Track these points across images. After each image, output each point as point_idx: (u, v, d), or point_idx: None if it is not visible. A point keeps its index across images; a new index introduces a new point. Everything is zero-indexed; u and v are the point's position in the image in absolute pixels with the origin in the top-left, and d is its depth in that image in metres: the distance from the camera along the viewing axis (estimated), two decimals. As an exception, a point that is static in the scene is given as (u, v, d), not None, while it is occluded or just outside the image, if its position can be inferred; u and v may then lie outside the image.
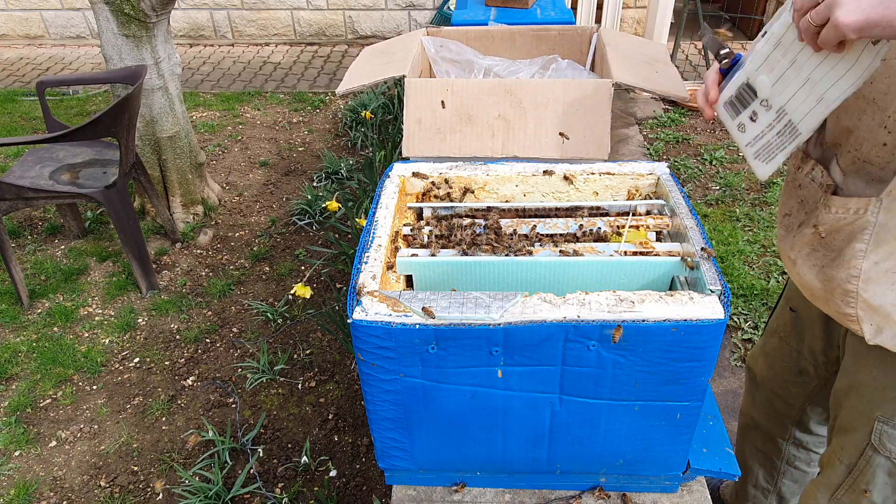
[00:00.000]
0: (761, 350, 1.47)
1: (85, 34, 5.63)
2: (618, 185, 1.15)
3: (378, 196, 1.09)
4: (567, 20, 2.60)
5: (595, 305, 0.82)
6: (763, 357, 1.46)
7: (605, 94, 1.43)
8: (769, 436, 1.53)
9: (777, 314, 1.40)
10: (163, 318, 2.69)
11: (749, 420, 1.59)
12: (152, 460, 2.11)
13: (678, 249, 0.99)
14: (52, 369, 2.43)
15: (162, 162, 3.08)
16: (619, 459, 1.00)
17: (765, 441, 1.55)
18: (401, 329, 0.83)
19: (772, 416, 1.50)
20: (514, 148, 1.46)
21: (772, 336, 1.41)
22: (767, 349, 1.43)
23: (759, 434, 1.56)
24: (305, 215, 3.29)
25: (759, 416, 1.54)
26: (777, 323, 1.39)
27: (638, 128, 4.11)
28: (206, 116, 4.39)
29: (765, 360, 1.45)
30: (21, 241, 3.13)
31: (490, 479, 1.09)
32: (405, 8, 5.44)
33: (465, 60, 1.79)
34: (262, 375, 2.37)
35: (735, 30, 5.58)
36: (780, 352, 1.38)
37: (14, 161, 3.72)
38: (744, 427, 1.63)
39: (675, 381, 0.87)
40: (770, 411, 1.49)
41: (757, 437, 1.57)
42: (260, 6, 5.48)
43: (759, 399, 1.52)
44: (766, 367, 1.45)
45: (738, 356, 2.47)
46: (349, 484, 2.02)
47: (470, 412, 0.94)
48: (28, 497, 2.00)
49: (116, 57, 2.75)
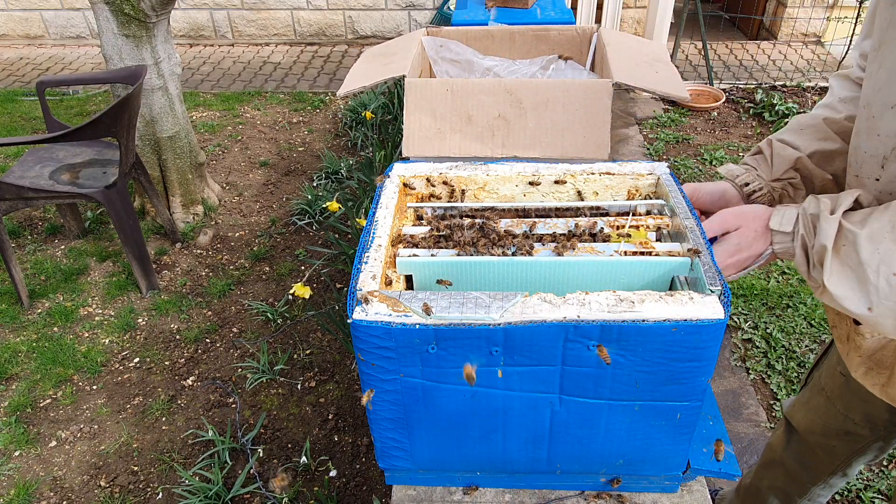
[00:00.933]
0: (804, 405, 1.37)
1: (85, 34, 5.63)
2: (618, 185, 1.15)
3: (378, 196, 1.09)
4: (567, 20, 2.59)
5: (595, 305, 0.82)
6: (805, 412, 1.36)
7: (605, 94, 1.43)
8: (797, 479, 1.45)
9: (826, 374, 1.29)
10: (163, 318, 2.69)
11: (777, 457, 1.50)
12: (152, 460, 2.11)
13: (678, 249, 0.99)
14: (52, 369, 2.43)
15: (162, 162, 3.08)
16: (619, 459, 1.00)
17: (789, 481, 1.48)
18: (401, 329, 0.83)
19: (807, 465, 1.42)
20: (514, 148, 1.46)
21: (818, 394, 1.31)
22: (812, 405, 1.34)
23: (784, 473, 1.48)
24: (305, 215, 3.29)
25: (790, 460, 1.46)
26: (825, 383, 1.29)
27: (638, 128, 4.11)
28: (206, 116, 4.39)
29: (806, 416, 1.36)
30: (21, 241, 3.13)
31: (490, 479, 1.09)
32: (405, 8, 5.44)
33: (465, 60, 1.79)
34: (262, 375, 2.37)
35: (735, 30, 5.58)
36: (825, 412, 1.29)
37: (14, 161, 3.72)
38: (769, 461, 1.53)
39: (675, 381, 0.87)
40: (808, 460, 1.41)
41: (781, 475, 1.50)
42: (260, 6, 5.48)
43: (795, 445, 1.43)
44: (808, 422, 1.36)
45: (738, 356, 2.47)
46: (349, 484, 2.02)
47: (470, 412, 0.94)
48: (28, 497, 2.00)
49: (116, 57, 2.75)
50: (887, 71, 0.82)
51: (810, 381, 1.37)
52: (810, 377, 1.38)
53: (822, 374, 1.32)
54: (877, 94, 0.84)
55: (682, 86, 1.52)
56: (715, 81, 4.49)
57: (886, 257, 0.75)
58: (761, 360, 2.44)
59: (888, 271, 0.75)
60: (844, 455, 1.33)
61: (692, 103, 4.25)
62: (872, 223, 0.78)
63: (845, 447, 1.31)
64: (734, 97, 4.36)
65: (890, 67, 0.81)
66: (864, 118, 0.88)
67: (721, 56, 5.03)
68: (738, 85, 4.50)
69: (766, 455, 1.57)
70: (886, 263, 0.75)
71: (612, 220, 1.07)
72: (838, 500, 1.96)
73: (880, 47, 0.84)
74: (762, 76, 4.60)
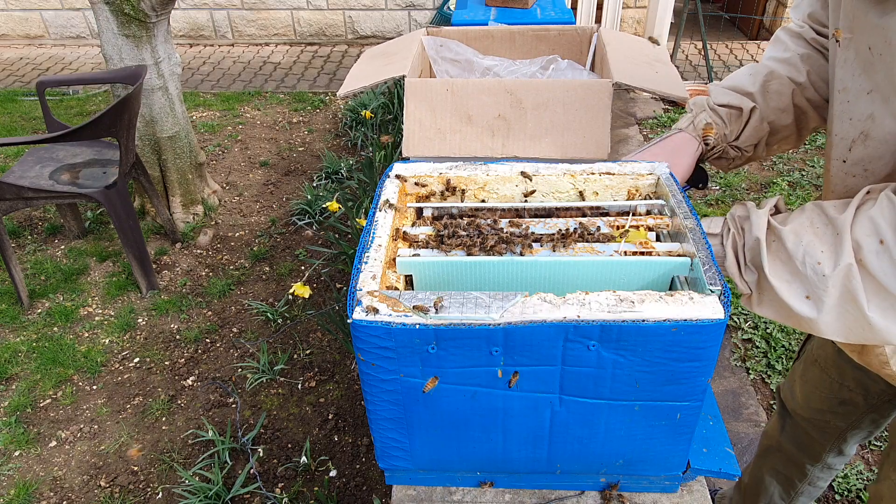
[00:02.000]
0: (799, 379, 1.40)
1: (85, 34, 5.63)
2: (618, 185, 1.15)
3: (378, 196, 1.09)
4: (567, 20, 2.60)
5: (595, 305, 0.82)
6: (801, 385, 1.39)
7: (605, 94, 1.43)
8: (795, 462, 1.49)
9: (818, 345, 1.33)
10: (163, 318, 2.69)
11: (774, 443, 1.54)
12: (152, 460, 2.11)
13: (678, 249, 0.99)
14: (52, 369, 2.43)
15: (162, 162, 3.08)
16: (618, 459, 1.00)
17: (788, 465, 1.51)
18: (401, 329, 0.83)
19: (803, 445, 1.45)
20: (514, 148, 1.46)
21: (812, 366, 1.35)
22: (807, 378, 1.37)
23: (782, 458, 1.52)
24: (305, 215, 3.29)
25: (786, 443, 1.49)
26: (818, 354, 1.33)
27: (638, 128, 4.11)
28: (206, 116, 4.39)
29: (803, 389, 1.39)
30: (21, 241, 3.13)
31: (490, 479, 1.09)
32: (405, 8, 5.44)
33: (465, 60, 1.79)
34: (262, 375, 2.37)
35: (735, 30, 5.58)
36: (821, 382, 1.32)
37: (14, 161, 3.72)
38: (766, 448, 1.58)
39: (675, 381, 0.87)
40: (803, 440, 1.45)
41: (779, 460, 1.53)
42: (260, 6, 5.48)
43: (790, 428, 1.47)
44: (804, 396, 1.39)
45: (738, 356, 2.47)
46: (349, 484, 2.02)
47: (470, 412, 0.94)
48: (28, 497, 2.00)
49: (116, 57, 2.75)
50: (863, 60, 0.83)
51: (803, 354, 1.41)
52: (803, 350, 1.41)
53: (813, 346, 1.36)
54: (854, 80, 0.85)
55: (681, 86, 1.52)
56: (715, 81, 4.49)
57: (809, 248, 0.81)
58: (761, 360, 2.44)
59: (812, 261, 0.80)
60: (839, 429, 1.36)
61: (692, 103, 4.24)
62: (793, 221, 0.84)
63: (840, 420, 1.34)
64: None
65: (865, 57, 0.83)
66: (838, 101, 0.89)
67: (721, 56, 5.03)
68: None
69: (763, 443, 1.61)
70: (810, 255, 0.80)
71: (612, 220, 1.07)
72: (838, 500, 1.96)
73: (853, 35, 0.84)
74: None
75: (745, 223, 0.88)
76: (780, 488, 1.56)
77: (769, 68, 1.13)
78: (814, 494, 1.55)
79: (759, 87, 1.12)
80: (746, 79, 1.14)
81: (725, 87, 1.17)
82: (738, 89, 1.14)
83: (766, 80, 1.12)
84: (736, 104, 1.12)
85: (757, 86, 1.12)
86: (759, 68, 1.14)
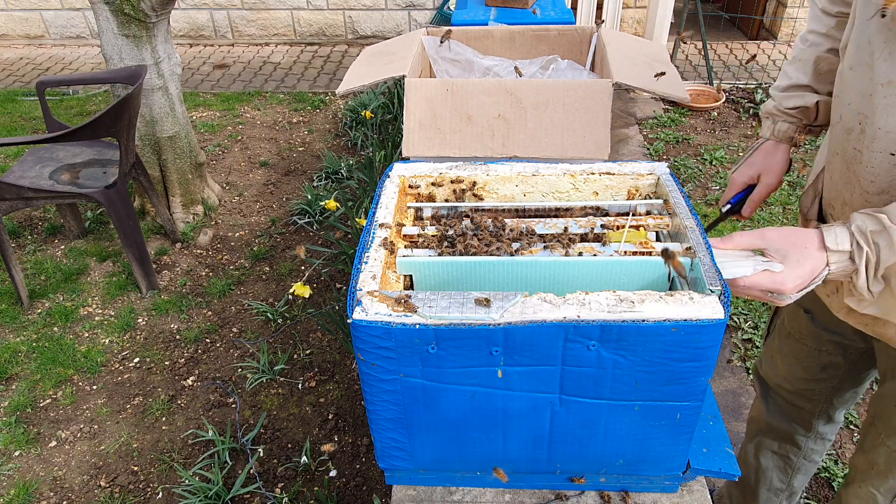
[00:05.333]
0: (777, 354, 1.43)
1: (85, 34, 5.63)
2: (618, 185, 1.15)
3: (378, 196, 1.09)
4: (567, 20, 2.60)
5: (595, 305, 0.82)
6: (781, 359, 1.42)
7: (605, 94, 1.43)
8: (788, 436, 1.51)
9: (788, 318, 1.37)
10: (163, 318, 2.69)
11: (763, 426, 1.56)
12: (152, 460, 2.11)
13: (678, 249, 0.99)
14: (52, 369, 2.43)
15: (162, 162, 3.08)
16: (619, 459, 1.00)
17: (782, 443, 1.53)
18: (401, 329, 0.83)
19: (792, 417, 1.47)
20: (514, 148, 1.46)
21: (786, 339, 1.38)
22: (785, 352, 1.40)
23: (774, 436, 1.54)
24: (305, 215, 3.29)
25: (775, 421, 1.51)
26: (790, 326, 1.36)
27: (638, 128, 4.11)
28: (206, 116, 4.39)
29: (784, 363, 1.41)
30: (21, 241, 3.13)
31: (490, 479, 1.09)
32: (405, 8, 5.44)
33: (465, 60, 1.79)
34: (262, 375, 2.37)
35: (735, 30, 5.58)
36: (798, 352, 1.36)
37: (14, 161, 3.72)
38: (756, 433, 1.59)
39: (675, 381, 0.87)
40: (791, 412, 1.47)
41: (772, 439, 1.55)
42: (260, 6, 5.48)
43: (774, 404, 1.49)
44: (786, 370, 1.41)
45: (738, 356, 2.47)
46: (349, 484, 2.02)
47: (470, 412, 0.94)
48: (28, 497, 2.00)
49: (116, 57, 2.75)
50: None
51: (773, 329, 1.44)
52: (772, 325, 1.44)
53: (783, 319, 1.39)
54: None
55: (681, 86, 1.52)
56: (715, 81, 4.49)
57: None
58: (761, 360, 2.44)
59: None
60: (824, 395, 1.39)
61: (692, 103, 4.25)
62: None
63: (825, 386, 1.37)
64: (734, 97, 4.36)
65: None
66: (882, 95, 0.90)
67: (721, 56, 5.03)
68: (738, 85, 4.50)
69: (751, 430, 1.63)
70: None
71: (612, 220, 1.07)
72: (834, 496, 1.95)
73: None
74: (762, 76, 4.60)
75: (878, 238, 0.85)
76: (777, 470, 1.58)
77: (814, 51, 1.18)
78: (810, 470, 1.56)
79: (812, 75, 1.18)
80: (797, 72, 1.21)
81: (784, 88, 1.24)
82: (795, 86, 1.21)
83: (816, 64, 1.17)
84: (801, 105, 1.20)
85: (809, 75, 1.19)
86: (804, 54, 1.20)
